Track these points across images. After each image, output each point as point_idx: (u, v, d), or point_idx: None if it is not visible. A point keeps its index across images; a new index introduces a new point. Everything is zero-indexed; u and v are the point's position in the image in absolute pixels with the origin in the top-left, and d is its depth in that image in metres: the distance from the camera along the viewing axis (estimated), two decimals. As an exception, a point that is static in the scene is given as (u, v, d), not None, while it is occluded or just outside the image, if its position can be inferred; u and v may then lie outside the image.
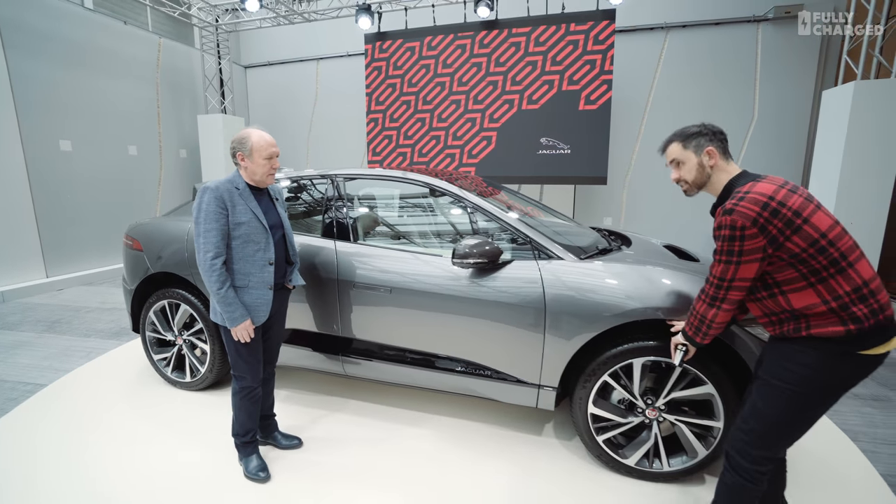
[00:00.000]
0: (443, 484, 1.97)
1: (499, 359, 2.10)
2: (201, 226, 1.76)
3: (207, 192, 1.77)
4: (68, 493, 1.90)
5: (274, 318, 2.03)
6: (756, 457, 1.34)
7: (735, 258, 1.30)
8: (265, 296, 1.89)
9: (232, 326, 1.80)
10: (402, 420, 2.47)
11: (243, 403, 1.96)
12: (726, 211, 1.29)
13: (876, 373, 3.06)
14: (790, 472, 2.06)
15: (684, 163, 1.49)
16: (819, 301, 1.24)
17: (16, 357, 3.38)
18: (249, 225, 1.82)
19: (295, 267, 2.11)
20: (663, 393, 1.88)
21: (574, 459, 2.13)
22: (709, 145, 1.45)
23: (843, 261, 1.23)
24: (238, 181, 1.85)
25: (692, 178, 1.49)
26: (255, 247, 1.85)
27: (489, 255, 1.96)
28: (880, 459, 2.16)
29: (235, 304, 1.79)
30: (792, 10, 5.86)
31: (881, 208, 4.73)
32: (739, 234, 1.27)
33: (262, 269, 1.87)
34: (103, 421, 2.46)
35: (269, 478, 1.98)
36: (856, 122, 4.66)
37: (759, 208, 1.24)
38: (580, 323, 1.90)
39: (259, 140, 1.82)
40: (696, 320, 1.48)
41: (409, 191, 2.81)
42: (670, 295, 1.82)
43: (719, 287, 1.37)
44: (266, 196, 1.98)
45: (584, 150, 5.88)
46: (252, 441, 2.04)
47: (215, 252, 1.75)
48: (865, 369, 1.28)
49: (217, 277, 1.76)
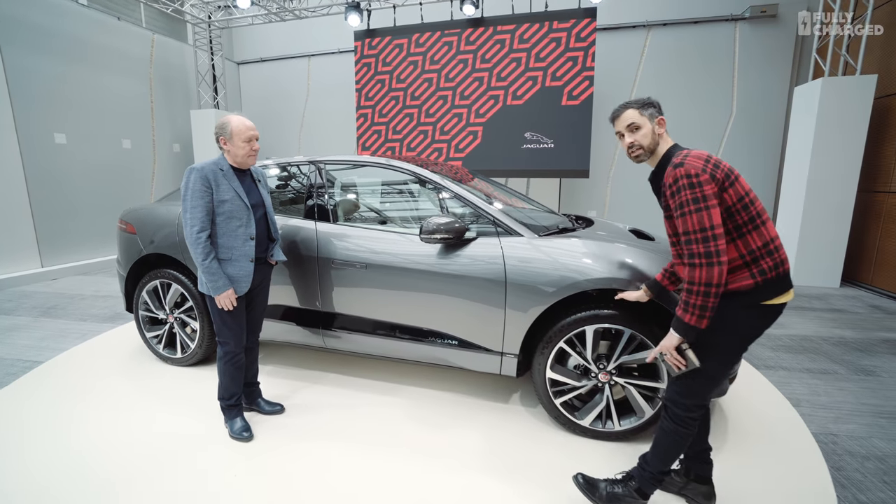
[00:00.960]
0: (419, 443, 2.14)
1: (465, 329, 2.27)
2: (188, 202, 1.94)
3: (194, 172, 1.95)
4: (62, 455, 2.06)
5: (257, 290, 2.21)
6: (688, 405, 1.52)
7: (702, 203, 1.36)
8: (247, 268, 2.06)
9: (216, 294, 1.98)
10: (379, 390, 2.64)
11: (227, 368, 2.14)
12: (676, 165, 1.41)
13: (825, 348, 3.27)
14: (730, 428, 2.27)
15: (641, 127, 1.55)
16: (737, 255, 1.42)
17: (13, 338, 3.52)
18: (232, 203, 2.00)
19: (276, 243, 2.27)
20: (613, 357, 2.06)
21: (536, 423, 2.32)
22: (660, 115, 1.57)
23: (758, 218, 1.42)
24: (222, 163, 2.03)
25: (647, 142, 1.56)
26: (237, 223, 2.02)
27: (455, 232, 2.13)
28: (814, 421, 2.36)
29: (218, 273, 1.97)
30: (767, 9, 6.08)
31: (848, 200, 4.95)
32: (696, 180, 1.37)
33: (245, 244, 2.05)
34: (97, 391, 2.62)
35: (252, 437, 2.15)
36: (823, 117, 4.87)
37: (704, 161, 1.41)
38: (536, 294, 2.08)
39: (238, 124, 1.99)
40: (699, 298, 1.38)
41: (387, 176, 2.98)
42: (614, 267, 2.00)
43: (706, 239, 1.36)
44: (249, 177, 2.15)
45: (568, 145, 6.06)
46: (236, 405, 2.21)
47: (200, 226, 1.93)
48: (768, 319, 1.46)
49: (202, 250, 1.94)
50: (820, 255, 5.14)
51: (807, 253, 5.17)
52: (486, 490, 1.82)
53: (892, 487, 1.86)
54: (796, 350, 3.34)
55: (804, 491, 1.82)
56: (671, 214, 1.49)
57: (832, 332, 3.70)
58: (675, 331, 1.46)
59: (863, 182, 4.98)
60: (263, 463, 1.98)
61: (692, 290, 1.39)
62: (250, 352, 2.30)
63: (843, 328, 3.80)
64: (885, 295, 4.85)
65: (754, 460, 2.02)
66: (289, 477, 1.90)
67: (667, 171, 1.46)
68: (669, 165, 1.45)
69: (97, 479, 1.88)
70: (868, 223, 5.17)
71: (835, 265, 5.12)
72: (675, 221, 1.44)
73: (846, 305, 4.47)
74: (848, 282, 5.38)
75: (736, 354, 1.51)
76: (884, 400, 2.58)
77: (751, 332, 1.47)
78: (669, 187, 1.43)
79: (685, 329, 1.43)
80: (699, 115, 6.57)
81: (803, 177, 5.08)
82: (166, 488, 1.83)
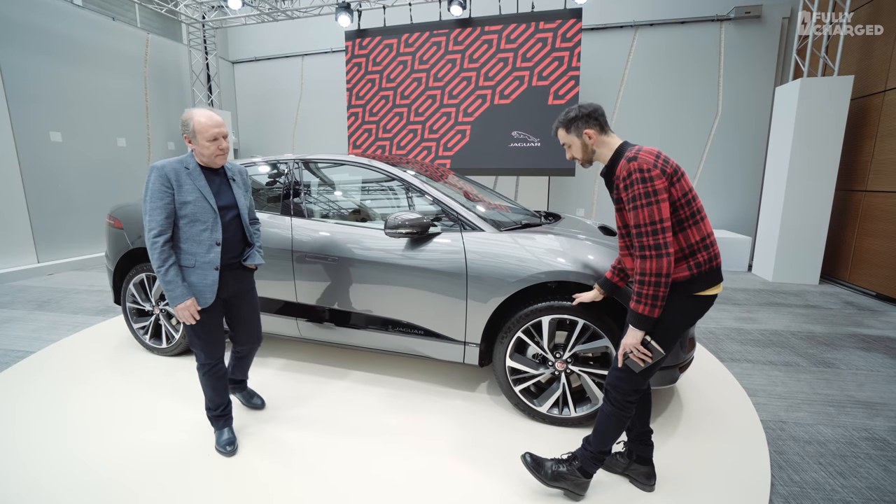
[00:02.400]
0: (394, 429, 2.26)
1: (430, 319, 2.39)
2: (147, 204, 1.77)
3: (154, 171, 1.78)
4: (50, 437, 2.19)
5: (239, 301, 2.07)
6: (626, 390, 1.63)
7: (653, 198, 1.43)
8: (210, 276, 1.87)
9: (173, 306, 1.80)
10: (356, 379, 2.76)
11: (206, 380, 2.01)
12: (630, 159, 1.46)
13: (792, 342, 3.37)
14: (683, 416, 2.38)
15: (570, 145, 1.68)
16: (677, 248, 1.52)
17: (7, 330, 3.65)
18: (195, 204, 1.81)
19: (254, 248, 2.08)
20: (568, 346, 2.17)
21: (499, 410, 2.43)
22: (586, 127, 1.62)
23: (698, 214, 1.53)
24: (189, 161, 1.85)
25: (580, 155, 1.67)
26: (201, 226, 1.83)
27: (419, 227, 2.24)
28: (767, 409, 2.47)
29: (175, 283, 1.79)
30: (752, 10, 6.15)
31: (826, 199, 5.04)
32: (648, 175, 1.43)
33: (209, 250, 1.86)
34: (85, 379, 2.75)
35: (235, 452, 2.03)
36: (802, 117, 4.96)
37: (654, 157, 1.47)
38: (494, 286, 2.19)
39: (202, 120, 1.79)
40: (650, 289, 1.46)
41: (363, 174, 3.09)
42: (569, 260, 2.11)
43: (656, 232, 1.43)
44: (221, 176, 1.95)
45: (554, 144, 6.15)
46: (223, 415, 2.08)
47: (159, 230, 1.77)
48: (700, 309, 1.58)
49: (158, 255, 1.77)
50: (799, 252, 5.24)
51: (786, 250, 5.27)
52: (448, 470, 1.93)
53: (825, 468, 1.97)
54: (764, 344, 3.44)
55: (742, 472, 1.93)
56: (622, 207, 1.57)
57: (802, 327, 3.80)
58: (634, 325, 1.52)
59: (840, 181, 5.07)
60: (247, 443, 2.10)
61: (644, 280, 1.47)
62: (242, 358, 2.27)
63: (814, 323, 3.91)
64: (860, 292, 4.95)
65: (700, 444, 2.13)
66: (274, 462, 2.02)
67: (620, 164, 1.51)
68: (623, 159, 1.51)
69: (84, 464, 2.00)
70: (846, 221, 5.26)
71: (813, 263, 5.22)
72: (627, 214, 1.51)
73: (821, 302, 4.57)
74: (826, 279, 5.48)
75: (671, 342, 1.60)
76: (837, 390, 2.69)
77: (683, 321, 1.57)
78: (623, 180, 1.48)
79: (642, 321, 1.50)
80: (686, 115, 6.65)
81: (783, 175, 5.18)
82: (149, 471, 1.95)
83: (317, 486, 1.83)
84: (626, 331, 1.56)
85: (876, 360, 3.13)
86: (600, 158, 1.66)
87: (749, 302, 4.56)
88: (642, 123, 6.75)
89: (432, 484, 1.85)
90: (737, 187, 6.71)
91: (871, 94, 4.90)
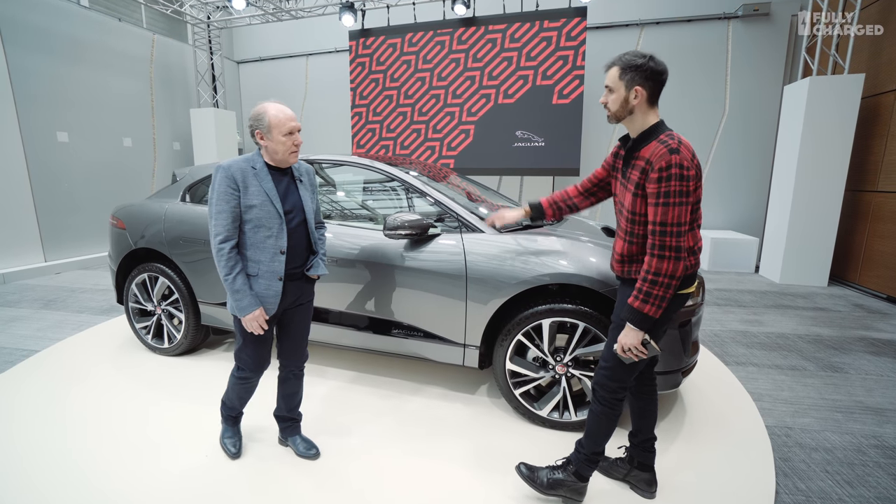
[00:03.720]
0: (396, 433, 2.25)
1: (429, 321, 2.37)
2: (213, 207, 1.65)
3: (220, 171, 1.65)
4: (49, 436, 2.20)
5: (293, 311, 1.89)
6: (613, 387, 1.60)
7: (685, 198, 1.33)
8: (274, 287, 1.73)
9: (240, 315, 1.69)
10: (352, 380, 2.75)
11: (237, 386, 1.91)
12: (672, 150, 1.32)
13: (799, 346, 3.31)
14: (686, 420, 2.34)
15: (613, 90, 1.46)
16: None
17: (13, 329, 3.68)
18: (261, 208, 1.67)
19: (318, 256, 1.90)
20: (569, 350, 2.15)
21: (500, 413, 2.41)
22: (640, 84, 1.42)
23: (699, 220, 1.51)
24: (256, 160, 1.72)
25: (614, 108, 1.48)
26: (266, 232, 1.69)
27: (418, 228, 2.22)
28: (772, 415, 2.42)
29: (243, 291, 1.67)
30: (760, 7, 6.06)
31: (835, 199, 4.96)
32: (687, 173, 1.31)
33: (273, 258, 1.72)
34: (88, 378, 2.76)
35: (239, 455, 1.98)
36: (811, 115, 4.88)
37: (691, 154, 1.36)
38: (494, 288, 2.17)
39: (277, 114, 1.67)
40: (662, 290, 1.39)
41: (362, 174, 3.07)
42: (570, 262, 2.08)
43: (680, 234, 1.34)
44: (288, 177, 1.80)
45: (558, 143, 6.12)
46: (234, 416, 2.03)
47: (225, 235, 1.64)
48: (678, 306, 1.55)
49: (225, 263, 1.65)
50: (808, 254, 5.15)
51: (795, 252, 5.19)
52: (446, 476, 1.91)
53: (832, 477, 1.92)
54: (770, 347, 3.39)
55: (745, 479, 1.89)
56: (639, 193, 1.43)
57: (809, 330, 3.74)
58: (636, 325, 1.44)
59: (850, 181, 4.99)
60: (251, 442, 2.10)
61: (658, 281, 1.38)
62: (286, 382, 1.99)
63: (822, 326, 3.84)
64: (870, 294, 4.86)
65: (703, 450, 2.09)
66: (283, 468, 2.01)
67: (655, 149, 1.38)
68: (658, 143, 1.38)
69: (82, 464, 2.01)
70: (856, 222, 5.17)
71: (822, 264, 5.14)
72: (653, 208, 1.38)
73: (830, 304, 4.49)
74: (835, 280, 5.39)
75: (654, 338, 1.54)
76: (845, 395, 2.64)
77: (664, 317, 1.53)
78: (660, 171, 1.34)
79: (644, 321, 1.42)
80: (692, 114, 6.58)
81: (791, 176, 5.10)
82: (145, 468, 1.95)
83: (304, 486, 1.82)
84: (623, 330, 1.49)
85: (886, 364, 3.07)
86: (630, 124, 1.50)
87: (756, 304, 4.49)
88: (648, 123, 6.67)
89: (428, 491, 1.83)
90: (743, 187, 6.62)
91: (882, 92, 4.81)
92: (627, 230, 1.54)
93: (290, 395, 2.02)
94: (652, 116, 1.47)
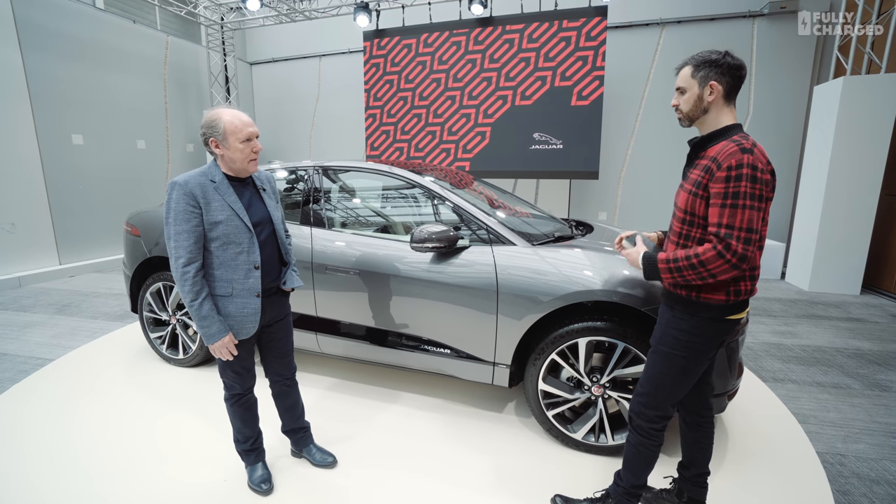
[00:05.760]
0: (417, 454, 2.14)
1: (457, 338, 2.25)
2: (171, 228, 1.52)
3: (176, 187, 1.52)
4: (67, 447, 2.12)
5: (274, 329, 1.81)
6: (651, 416, 1.48)
7: (758, 203, 1.21)
8: (252, 304, 1.63)
9: (209, 343, 1.58)
10: (377, 396, 2.64)
11: (235, 410, 1.79)
12: (744, 150, 1.22)
13: (839, 360, 3.14)
14: (730, 446, 2.19)
15: (686, 90, 1.37)
16: None
17: (28, 336, 3.64)
18: (228, 224, 1.56)
19: (289, 267, 1.81)
20: (607, 370, 2.02)
21: (530, 434, 2.28)
22: (715, 79, 1.32)
23: (762, 241, 1.31)
24: (214, 172, 1.59)
25: (686, 109, 1.38)
26: (236, 249, 1.59)
27: (446, 240, 2.11)
28: (821, 439, 2.27)
29: (211, 318, 1.56)
30: (787, 4, 5.85)
31: (870, 203, 4.75)
32: (761, 176, 1.21)
33: (248, 275, 1.62)
34: (100, 390, 2.69)
35: (272, 490, 1.83)
36: (844, 116, 4.68)
37: (766, 159, 1.25)
38: (528, 304, 2.04)
39: (232, 120, 1.54)
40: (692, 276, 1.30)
41: (385, 181, 2.96)
42: (610, 278, 1.95)
43: (749, 241, 1.22)
44: (250, 187, 1.69)
45: (577, 145, 5.96)
46: (254, 449, 1.87)
47: (188, 257, 1.52)
48: (726, 332, 1.40)
49: (190, 287, 1.53)
50: (839, 260, 4.94)
51: (825, 258, 4.98)
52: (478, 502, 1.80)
53: (899, 514, 1.77)
54: (808, 362, 3.22)
55: (804, 515, 1.75)
56: (698, 193, 1.31)
57: (848, 343, 3.55)
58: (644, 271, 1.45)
59: (886, 185, 4.77)
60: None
61: (698, 270, 1.27)
62: (284, 396, 1.94)
63: (861, 339, 3.65)
64: (908, 304, 4.65)
65: (753, 481, 1.95)
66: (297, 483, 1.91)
67: (724, 147, 1.26)
68: (729, 141, 1.27)
69: (95, 479, 1.92)
70: (892, 228, 4.95)
71: (855, 271, 4.92)
72: (718, 209, 1.25)
73: (865, 314, 4.29)
74: (869, 289, 5.17)
75: (695, 365, 1.42)
76: (898, 418, 2.47)
77: (709, 344, 1.40)
78: (728, 170, 1.22)
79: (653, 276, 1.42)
80: (714, 115, 6.37)
81: (822, 179, 4.89)
82: (159, 486, 1.86)
83: None
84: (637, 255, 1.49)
85: (936, 383, 2.89)
86: (704, 125, 1.38)
87: (786, 313, 4.31)
88: (668, 125, 6.50)
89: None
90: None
91: (922, 93, 4.58)
92: (680, 232, 1.40)
93: (290, 406, 1.97)
94: (727, 116, 1.35)
